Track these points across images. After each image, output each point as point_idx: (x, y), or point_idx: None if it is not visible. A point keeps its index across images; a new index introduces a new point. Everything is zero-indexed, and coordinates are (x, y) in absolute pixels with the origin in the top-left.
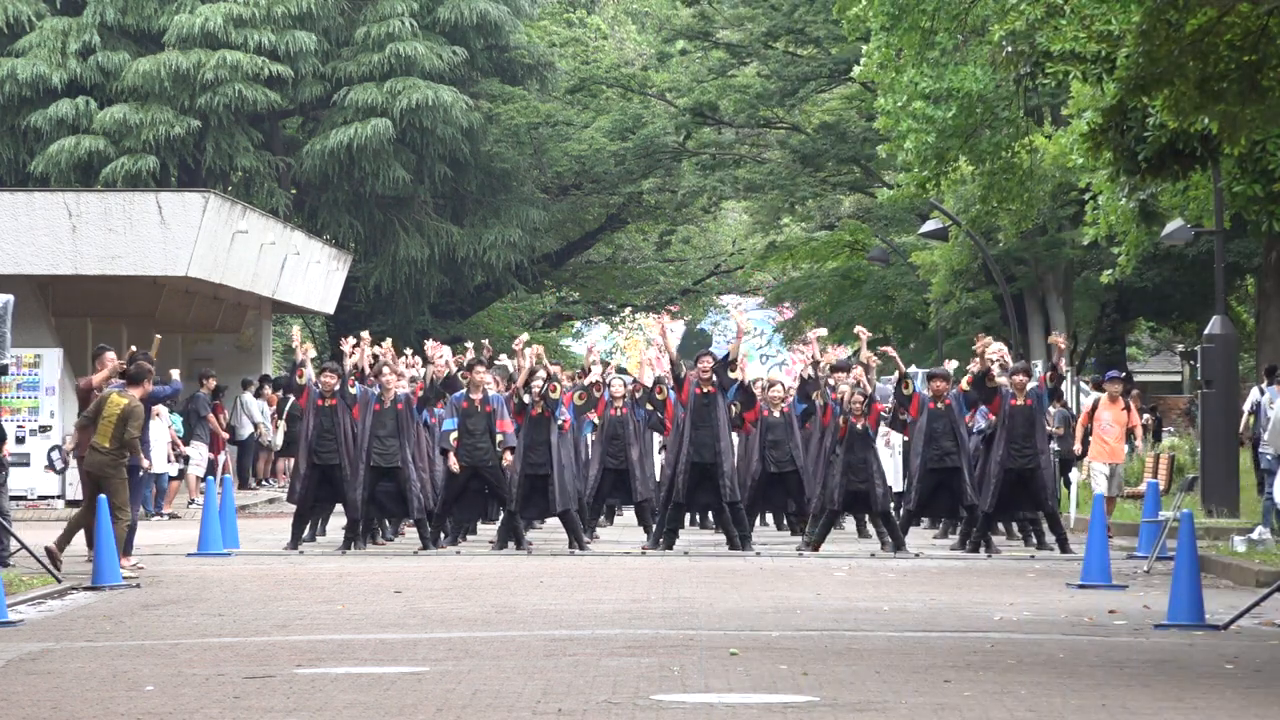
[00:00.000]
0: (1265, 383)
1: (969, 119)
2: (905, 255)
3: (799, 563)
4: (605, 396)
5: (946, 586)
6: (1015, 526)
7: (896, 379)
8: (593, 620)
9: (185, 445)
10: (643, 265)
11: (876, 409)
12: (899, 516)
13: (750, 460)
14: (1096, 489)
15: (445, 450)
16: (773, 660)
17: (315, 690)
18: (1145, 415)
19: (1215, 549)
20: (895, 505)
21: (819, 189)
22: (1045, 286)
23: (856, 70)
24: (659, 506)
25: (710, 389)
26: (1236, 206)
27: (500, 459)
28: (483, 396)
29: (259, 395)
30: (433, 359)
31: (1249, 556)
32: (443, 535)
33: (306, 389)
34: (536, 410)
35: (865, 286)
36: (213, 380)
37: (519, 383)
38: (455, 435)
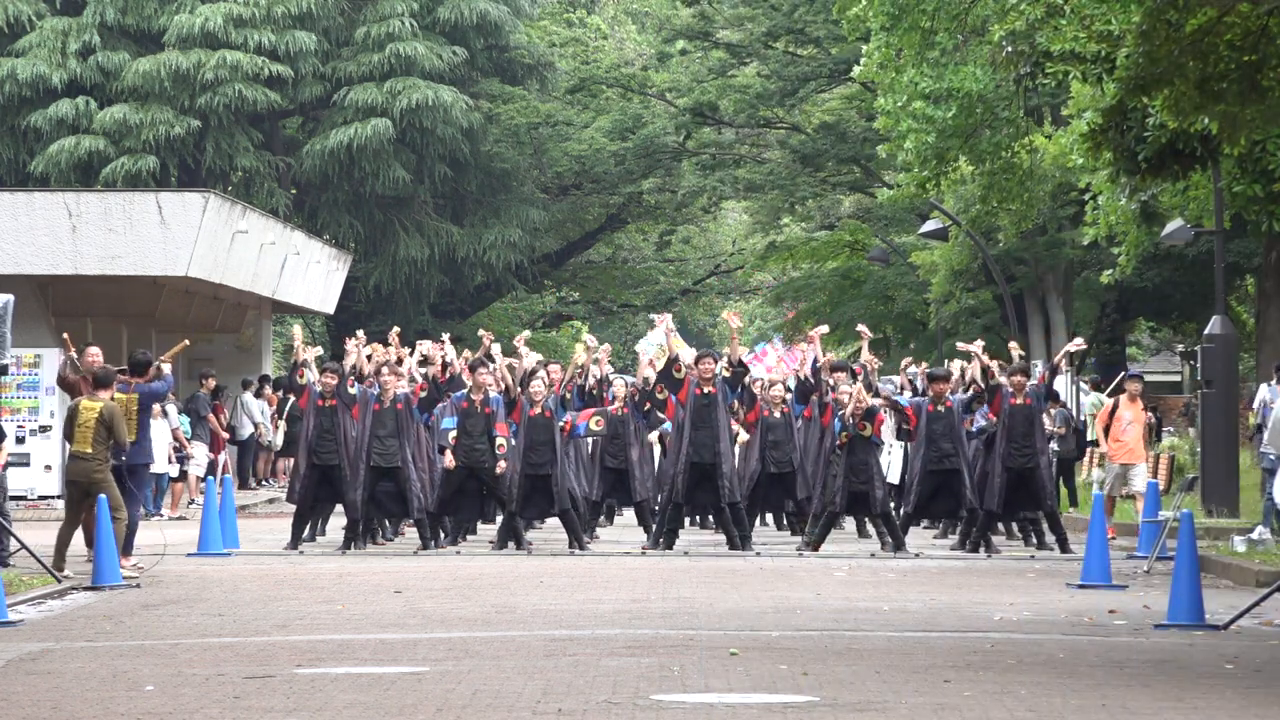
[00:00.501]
0: (1275, 380)
1: (969, 119)
2: (905, 255)
3: (799, 563)
4: (608, 397)
5: (946, 586)
6: (1015, 526)
7: (899, 386)
8: (593, 620)
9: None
10: (643, 265)
11: (879, 420)
12: (899, 516)
13: (750, 460)
14: (1135, 486)
15: (444, 449)
16: (773, 660)
17: (315, 690)
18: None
19: (1215, 549)
20: (895, 503)
21: (819, 189)
22: (1045, 286)
23: (856, 70)
24: (659, 507)
25: (710, 389)
26: (1236, 206)
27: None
28: (483, 398)
29: (259, 395)
30: (432, 360)
31: (1249, 556)
32: (442, 535)
33: (307, 389)
34: (535, 411)
35: (865, 286)
36: (213, 380)
37: (515, 380)
38: (454, 434)
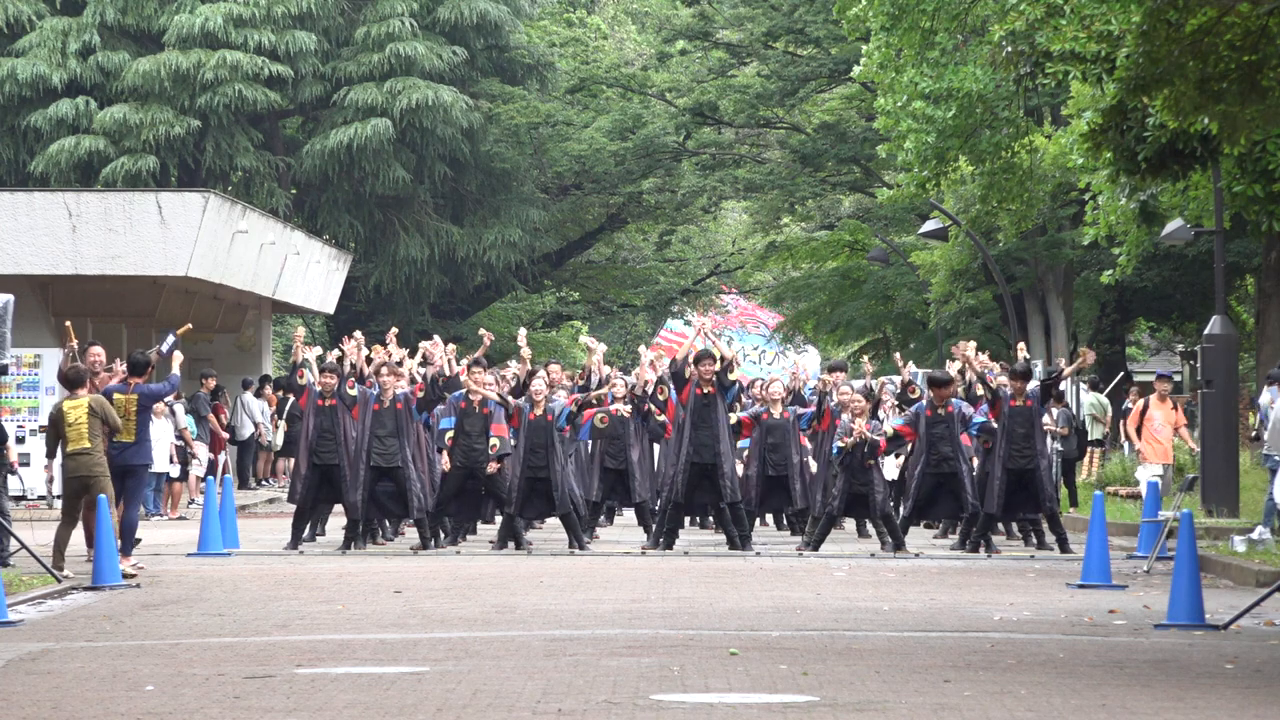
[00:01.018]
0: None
1: (969, 119)
2: (905, 255)
3: (799, 563)
4: (608, 398)
5: (946, 586)
6: (1015, 526)
7: (901, 385)
8: (593, 620)
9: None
10: (643, 265)
11: (882, 446)
12: (899, 517)
13: (750, 462)
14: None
15: (442, 450)
16: (773, 660)
17: (315, 690)
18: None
19: (1215, 549)
20: (895, 502)
21: (819, 189)
22: (1045, 286)
23: (856, 70)
24: (659, 507)
25: (711, 389)
26: (1236, 206)
27: (497, 461)
28: (481, 398)
29: (259, 395)
30: (432, 360)
31: (1249, 556)
32: (441, 535)
33: (307, 389)
34: (535, 414)
35: (865, 286)
36: (213, 380)
37: (512, 379)
38: (451, 435)
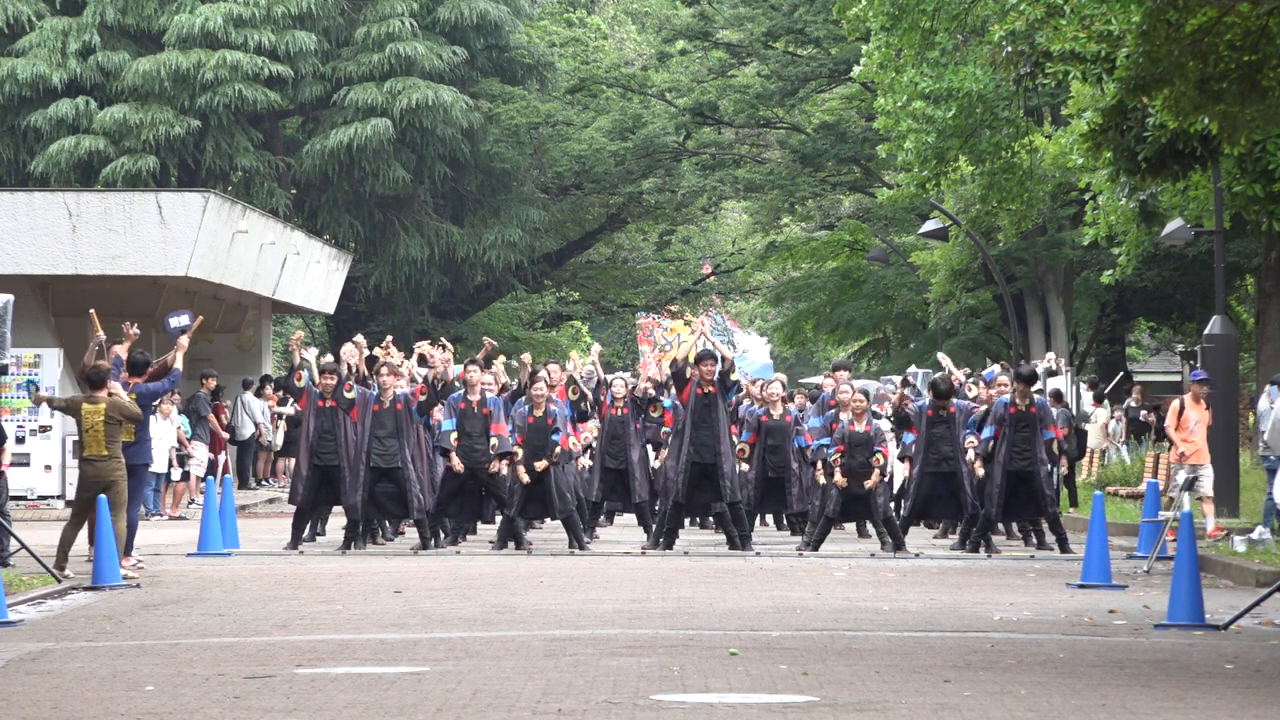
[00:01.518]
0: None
1: (969, 119)
2: (905, 255)
3: (799, 563)
4: (607, 399)
5: (946, 586)
6: (1015, 526)
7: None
8: (593, 620)
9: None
10: (643, 265)
11: (884, 451)
12: (898, 517)
13: (750, 463)
14: (1204, 489)
15: (444, 450)
16: (773, 660)
17: (315, 690)
18: (1149, 414)
19: (1215, 549)
20: (895, 503)
21: (819, 189)
22: (1045, 286)
23: (856, 70)
24: (659, 507)
25: (712, 389)
26: (1236, 206)
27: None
28: (480, 399)
29: (259, 395)
30: (431, 361)
31: (1249, 556)
32: (441, 535)
33: (306, 390)
34: (534, 418)
35: (865, 286)
36: (213, 380)
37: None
38: (455, 436)
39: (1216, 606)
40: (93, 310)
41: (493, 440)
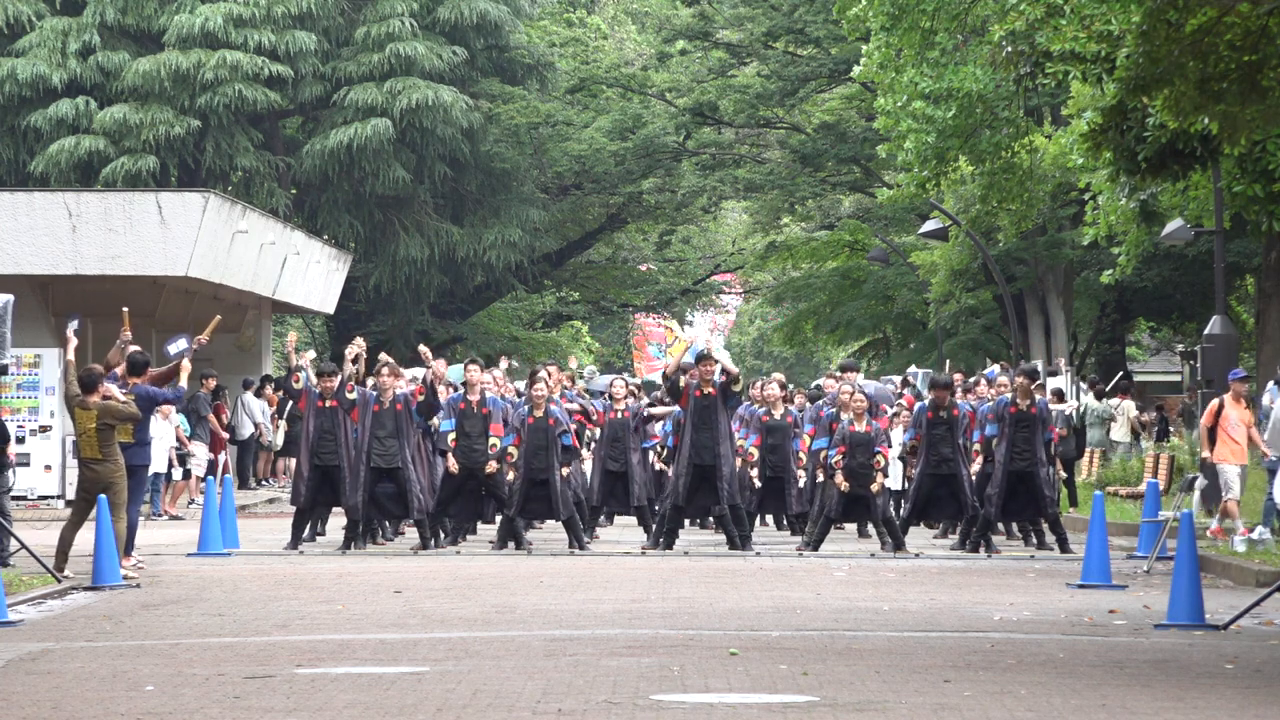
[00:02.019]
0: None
1: (969, 119)
2: (905, 255)
3: (799, 563)
4: (602, 406)
5: (946, 586)
6: (1015, 526)
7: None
8: (593, 620)
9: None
10: (643, 265)
11: (884, 452)
12: (898, 518)
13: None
14: (1229, 494)
15: (444, 451)
16: (773, 660)
17: (315, 690)
18: (1152, 413)
19: (1215, 549)
20: (896, 505)
21: (819, 189)
22: (1045, 286)
23: (856, 70)
24: (659, 507)
25: (711, 390)
26: (1236, 206)
27: (496, 461)
28: (479, 399)
29: (259, 395)
30: (430, 365)
31: (1249, 556)
32: (441, 535)
33: (305, 391)
34: (534, 418)
35: (865, 286)
36: (213, 380)
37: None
38: (453, 436)
39: (1216, 606)
40: (126, 309)
41: (492, 440)
